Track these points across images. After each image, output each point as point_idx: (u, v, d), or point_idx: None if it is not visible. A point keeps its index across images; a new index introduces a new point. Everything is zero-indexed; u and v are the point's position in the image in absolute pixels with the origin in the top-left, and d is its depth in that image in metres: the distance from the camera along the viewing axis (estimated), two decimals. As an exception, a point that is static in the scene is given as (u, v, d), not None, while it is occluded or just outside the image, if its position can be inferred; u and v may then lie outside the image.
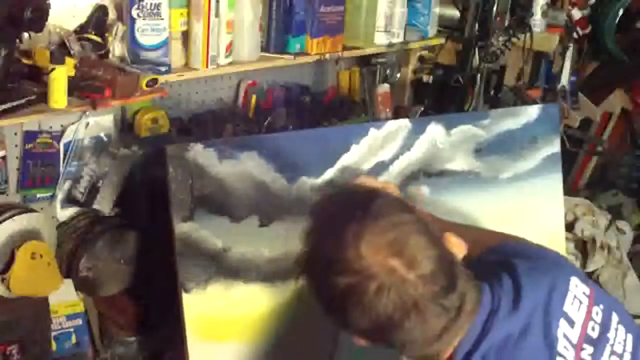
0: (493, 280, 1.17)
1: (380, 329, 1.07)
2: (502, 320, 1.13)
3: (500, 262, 1.22)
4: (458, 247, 1.14)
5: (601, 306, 1.21)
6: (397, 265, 1.04)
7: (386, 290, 1.03)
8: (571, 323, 1.16)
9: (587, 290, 1.21)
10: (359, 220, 1.06)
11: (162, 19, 1.80)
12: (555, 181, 2.31)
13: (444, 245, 1.11)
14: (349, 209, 1.10)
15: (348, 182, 1.79)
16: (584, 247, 2.89)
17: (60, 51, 1.63)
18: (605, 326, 1.19)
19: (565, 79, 3.14)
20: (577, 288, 1.20)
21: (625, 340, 1.20)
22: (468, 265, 1.15)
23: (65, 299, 1.87)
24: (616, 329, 1.20)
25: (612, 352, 1.18)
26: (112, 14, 1.81)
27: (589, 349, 1.16)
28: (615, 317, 1.21)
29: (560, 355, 1.13)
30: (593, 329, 1.18)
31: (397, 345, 1.11)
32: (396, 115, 2.49)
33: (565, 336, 1.15)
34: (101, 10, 1.77)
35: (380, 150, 1.97)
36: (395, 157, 1.99)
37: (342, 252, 1.05)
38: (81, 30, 1.74)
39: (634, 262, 3.02)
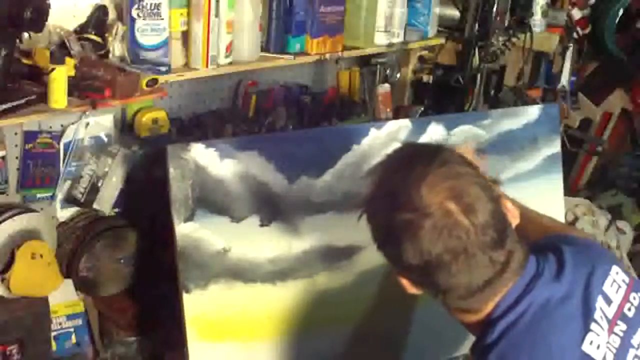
0: (539, 254, 1.22)
1: (428, 269, 1.12)
2: (544, 285, 1.17)
3: (547, 244, 1.28)
4: (512, 214, 1.19)
5: (639, 294, 1.24)
6: (454, 209, 1.09)
7: (439, 230, 1.09)
8: (608, 302, 1.20)
9: (627, 279, 1.25)
10: (424, 165, 1.13)
11: (162, 19, 1.80)
12: (555, 181, 2.30)
13: (499, 205, 1.15)
14: (416, 156, 1.18)
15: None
16: (584, 247, 2.89)
17: (60, 51, 1.63)
18: None
19: (565, 79, 3.14)
20: (618, 275, 1.24)
21: None
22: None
23: (65, 299, 1.87)
24: None
25: None
26: (112, 14, 1.81)
27: (622, 326, 1.20)
28: None
29: (596, 323, 1.17)
30: (629, 309, 1.22)
31: (441, 291, 1.15)
32: (396, 115, 2.49)
33: (601, 309, 1.19)
34: (101, 10, 1.77)
35: (381, 150, 1.96)
36: (396, 157, 1.99)
37: (404, 190, 1.12)
38: (81, 30, 1.74)
39: (634, 262, 3.02)
